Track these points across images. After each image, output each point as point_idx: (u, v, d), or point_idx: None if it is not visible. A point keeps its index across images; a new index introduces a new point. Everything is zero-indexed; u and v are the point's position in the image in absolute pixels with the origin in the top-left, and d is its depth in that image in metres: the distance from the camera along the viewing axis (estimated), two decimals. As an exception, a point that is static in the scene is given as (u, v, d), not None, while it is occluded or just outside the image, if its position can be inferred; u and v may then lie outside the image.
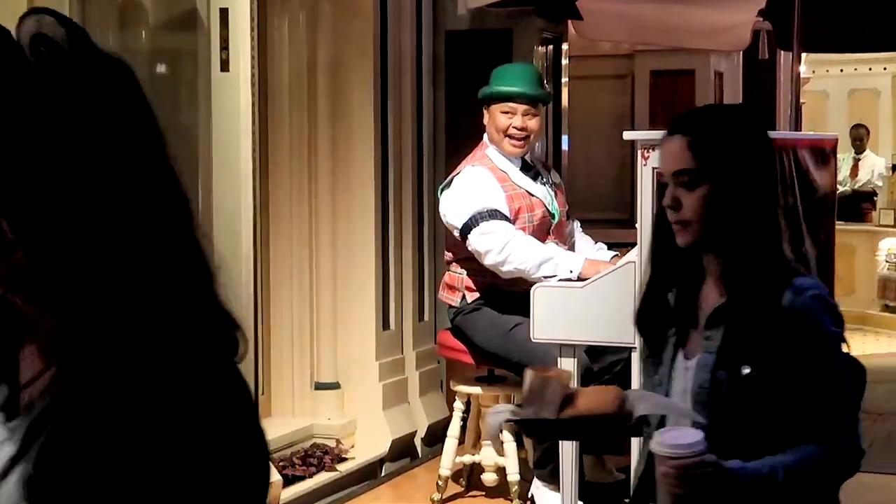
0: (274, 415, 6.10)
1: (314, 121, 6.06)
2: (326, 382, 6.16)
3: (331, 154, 6.09)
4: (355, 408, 6.17)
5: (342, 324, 6.18)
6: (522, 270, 4.69)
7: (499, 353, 4.92)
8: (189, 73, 4.69)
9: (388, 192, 6.24)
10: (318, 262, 6.12)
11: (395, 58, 6.27)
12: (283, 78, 5.97)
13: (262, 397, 5.91)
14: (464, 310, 5.02)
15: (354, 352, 6.17)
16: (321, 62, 6.05)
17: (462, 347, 5.08)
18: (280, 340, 6.07)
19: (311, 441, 6.00)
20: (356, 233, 6.12)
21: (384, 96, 6.19)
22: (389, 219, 6.25)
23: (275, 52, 5.95)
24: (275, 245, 6.03)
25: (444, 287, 5.14)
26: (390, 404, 6.20)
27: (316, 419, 6.10)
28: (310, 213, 6.07)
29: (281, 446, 5.80)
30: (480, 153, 5.04)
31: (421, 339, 6.50)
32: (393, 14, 6.23)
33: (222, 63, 4.49)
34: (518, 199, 4.91)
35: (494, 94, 5.04)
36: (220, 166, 4.56)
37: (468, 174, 4.94)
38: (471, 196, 4.84)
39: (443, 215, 4.98)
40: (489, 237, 4.75)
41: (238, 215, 4.56)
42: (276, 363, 6.09)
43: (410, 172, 6.40)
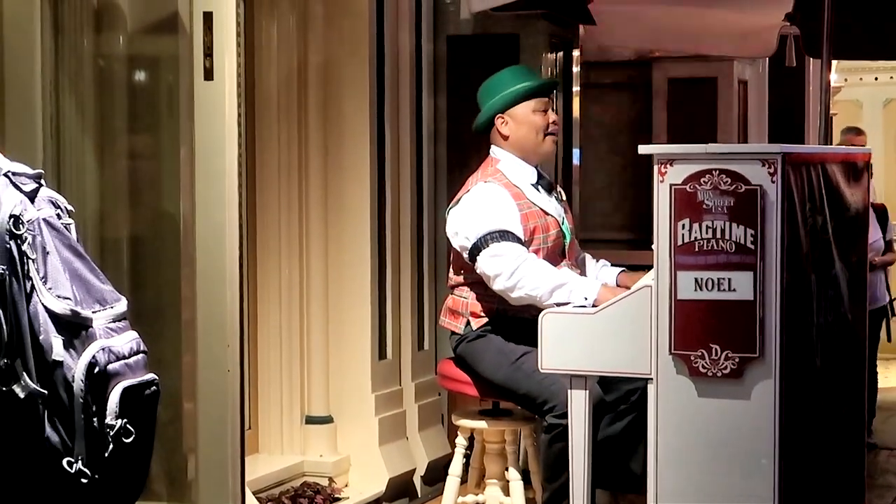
0: (262, 451, 6.11)
1: (305, 131, 6.08)
2: (318, 416, 6.17)
3: (323, 167, 6.11)
4: (349, 444, 6.17)
5: (335, 353, 6.18)
6: (534, 297, 4.69)
7: (506, 384, 4.91)
8: (170, 81, 4.70)
9: (385, 208, 6.25)
10: (310, 285, 6.13)
11: (392, 63, 6.29)
12: (271, 85, 5.99)
13: (250, 432, 5.90)
14: (468, 337, 5.01)
15: (348, 383, 6.17)
16: (312, 67, 6.08)
17: (465, 378, 5.07)
18: (268, 370, 6.08)
19: (301, 479, 6.01)
20: (350, 253, 6.13)
21: (380, 104, 6.21)
22: (386, 238, 6.26)
23: (263, 57, 5.97)
24: (263, 266, 6.04)
25: (447, 312, 5.13)
26: (387, 440, 6.20)
27: (307, 455, 6.11)
28: (300, 232, 6.09)
29: (269, 485, 5.81)
30: (492, 168, 5.02)
31: (420, 370, 6.50)
32: (390, 16, 6.25)
33: (206, 71, 4.49)
34: (533, 219, 4.90)
35: (524, 91, 5.01)
36: (203, 181, 4.57)
37: (481, 191, 4.92)
38: (482, 215, 4.83)
39: (451, 235, 4.97)
40: (499, 260, 4.75)
41: (223, 234, 4.56)
42: (263, 395, 6.10)
43: (409, 187, 6.41)
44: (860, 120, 14.13)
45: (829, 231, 4.47)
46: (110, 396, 2.49)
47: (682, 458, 4.14)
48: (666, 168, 4.09)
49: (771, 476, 4.06)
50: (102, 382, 2.49)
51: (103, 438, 2.48)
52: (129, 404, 2.51)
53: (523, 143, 5.00)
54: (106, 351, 2.50)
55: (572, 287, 4.64)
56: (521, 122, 5.00)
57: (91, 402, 2.47)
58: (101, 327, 2.53)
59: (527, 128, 5.00)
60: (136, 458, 2.56)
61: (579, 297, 4.60)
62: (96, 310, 2.55)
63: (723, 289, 4.03)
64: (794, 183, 4.10)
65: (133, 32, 4.68)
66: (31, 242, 2.49)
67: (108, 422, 2.48)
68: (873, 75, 13.88)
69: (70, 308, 2.49)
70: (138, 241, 4.74)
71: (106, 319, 2.55)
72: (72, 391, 2.46)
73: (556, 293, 4.64)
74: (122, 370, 2.52)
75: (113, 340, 2.53)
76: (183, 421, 4.68)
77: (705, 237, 4.04)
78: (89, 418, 2.47)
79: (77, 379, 2.46)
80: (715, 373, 4.06)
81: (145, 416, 2.56)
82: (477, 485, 5.33)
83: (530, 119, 5.00)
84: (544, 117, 5.01)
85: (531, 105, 5.00)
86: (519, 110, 5.00)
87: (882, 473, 7.16)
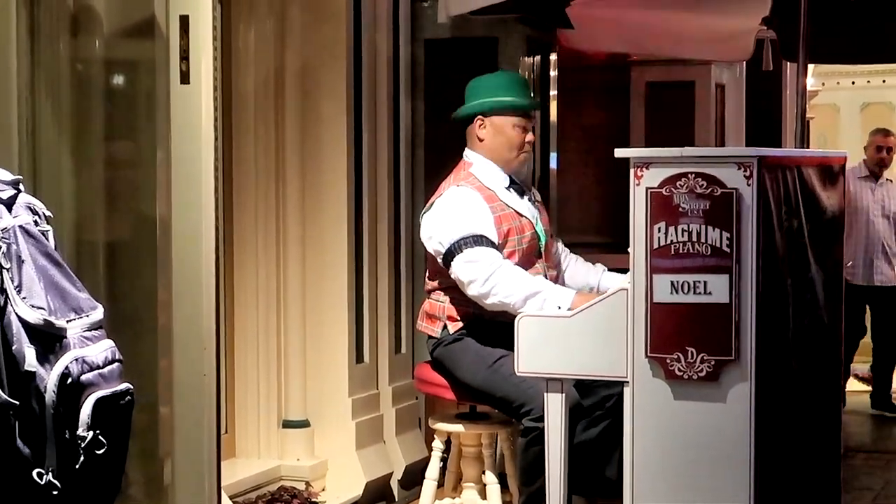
0: (238, 455, 6.11)
1: (282, 135, 6.08)
2: (295, 420, 6.17)
3: (300, 171, 6.11)
4: (326, 448, 6.17)
5: (312, 357, 6.19)
6: (507, 304, 4.70)
7: (482, 388, 4.93)
8: (147, 85, 4.69)
9: (362, 212, 6.26)
10: (287, 289, 6.13)
11: (369, 67, 6.30)
12: (248, 89, 5.99)
13: (226, 436, 5.91)
14: (444, 341, 5.02)
15: (325, 387, 6.17)
16: (290, 71, 6.08)
17: (442, 382, 5.09)
18: (245, 375, 6.08)
19: (278, 484, 6.01)
20: (328, 257, 6.13)
21: (357, 108, 6.21)
22: (363, 242, 6.27)
23: (240, 61, 5.98)
24: (240, 270, 6.05)
25: (424, 316, 5.14)
26: (364, 444, 6.21)
27: (284, 460, 6.11)
28: (277, 236, 6.09)
29: (246, 489, 5.81)
30: (465, 172, 5.04)
31: (398, 374, 6.51)
32: (367, 21, 6.26)
33: (182, 75, 4.48)
34: (507, 221, 4.92)
35: (510, 105, 5.03)
36: (179, 186, 4.57)
37: (453, 195, 4.94)
38: (456, 220, 4.85)
39: (425, 240, 4.99)
40: (474, 266, 4.76)
41: (199, 239, 4.56)
42: (240, 399, 6.09)
43: (386, 191, 6.41)
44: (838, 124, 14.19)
45: (805, 234, 4.50)
46: (83, 408, 2.48)
47: (658, 460, 4.16)
48: (642, 171, 4.11)
49: (747, 478, 4.08)
50: (75, 393, 2.47)
51: (74, 450, 2.47)
52: (102, 415, 2.50)
53: (496, 152, 5.03)
54: (79, 361, 2.49)
55: (546, 296, 4.66)
56: (498, 132, 5.03)
57: (63, 414, 2.46)
58: (75, 336, 2.52)
59: (502, 139, 5.03)
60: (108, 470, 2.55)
61: (553, 305, 4.61)
62: (72, 318, 2.54)
63: (699, 292, 4.05)
64: (769, 186, 4.12)
65: (109, 36, 4.68)
66: (5, 252, 2.49)
67: (80, 433, 2.47)
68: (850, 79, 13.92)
69: (44, 318, 2.48)
70: (114, 245, 4.73)
71: (81, 328, 2.54)
72: (43, 402, 2.45)
73: (529, 301, 4.65)
74: (96, 380, 2.51)
75: (87, 350, 2.52)
76: (159, 425, 4.68)
77: (681, 240, 4.06)
78: (60, 430, 2.46)
79: (49, 390, 2.45)
80: (691, 376, 4.08)
81: (119, 426, 2.55)
82: (454, 488, 5.34)
83: (508, 133, 5.03)
84: (521, 136, 5.04)
85: (513, 120, 5.03)
86: (500, 120, 5.03)
87: (860, 476, 7.18)
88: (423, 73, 6.72)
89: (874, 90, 14.16)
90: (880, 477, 7.26)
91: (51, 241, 2.63)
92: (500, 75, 5.27)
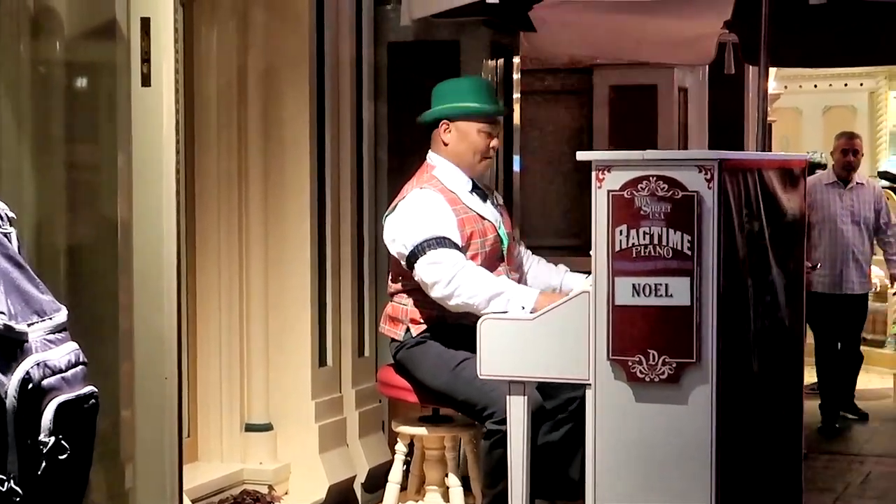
0: (201, 459, 6.09)
1: (244, 137, 6.07)
2: (258, 424, 6.16)
3: (263, 174, 6.10)
4: (289, 451, 6.16)
5: (275, 360, 6.17)
6: (471, 305, 4.70)
7: (445, 390, 4.93)
8: (108, 87, 4.67)
9: (325, 215, 6.26)
10: (249, 293, 6.12)
11: (332, 69, 6.29)
12: (211, 91, 5.98)
13: (188, 440, 5.89)
14: (407, 344, 5.02)
15: (288, 390, 6.16)
16: (252, 73, 6.07)
17: (405, 385, 5.09)
18: (207, 378, 6.06)
19: (241, 487, 6.00)
20: (290, 260, 6.12)
21: (321, 111, 6.21)
22: (326, 244, 6.26)
23: (202, 64, 5.96)
24: (202, 273, 6.03)
25: (386, 319, 5.14)
26: (327, 447, 6.20)
27: (246, 463, 6.09)
28: (240, 239, 6.08)
29: (208, 493, 5.79)
30: (427, 174, 5.04)
31: (361, 377, 6.50)
32: (330, 23, 6.25)
33: (143, 77, 4.47)
34: (470, 224, 4.93)
35: (476, 111, 5.03)
36: (140, 189, 4.56)
37: (416, 198, 4.94)
38: (419, 222, 4.85)
39: (388, 242, 4.99)
40: (437, 267, 4.76)
41: (160, 242, 4.55)
42: (202, 402, 6.08)
43: (350, 193, 6.41)
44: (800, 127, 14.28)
45: (766, 237, 4.52)
46: (44, 413, 2.45)
47: (621, 462, 4.17)
48: (604, 174, 4.12)
49: (708, 480, 4.09)
50: (36, 398, 2.45)
51: (36, 456, 2.45)
52: (64, 419, 2.47)
53: (460, 157, 5.04)
54: (41, 366, 2.46)
55: (510, 296, 4.66)
56: (462, 137, 5.03)
57: (24, 420, 2.43)
58: (38, 340, 2.49)
59: (467, 145, 5.03)
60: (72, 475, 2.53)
61: (516, 305, 4.62)
62: (34, 321, 2.51)
63: (660, 294, 4.07)
64: (730, 189, 4.14)
65: (70, 38, 4.66)
66: None
67: (42, 439, 2.44)
68: (813, 83, 14.01)
69: (3, 323, 2.45)
70: (75, 248, 4.71)
71: (44, 331, 2.52)
72: (4, 408, 2.42)
73: (493, 302, 4.66)
74: (59, 385, 2.49)
75: (49, 354, 2.49)
76: (120, 429, 4.66)
77: (643, 243, 4.08)
78: (22, 436, 2.43)
79: (10, 395, 2.42)
80: (652, 378, 4.10)
81: (82, 430, 2.53)
82: (417, 491, 5.34)
83: (473, 138, 5.03)
84: (486, 141, 5.04)
85: (479, 125, 5.03)
86: (465, 125, 5.03)
87: (822, 478, 7.22)
88: (386, 75, 6.72)
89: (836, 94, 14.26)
90: (842, 478, 7.30)
91: (13, 244, 2.60)
92: (468, 80, 5.29)
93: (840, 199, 8.65)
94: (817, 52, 7.92)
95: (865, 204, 8.70)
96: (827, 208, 8.62)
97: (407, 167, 5.32)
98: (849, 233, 8.62)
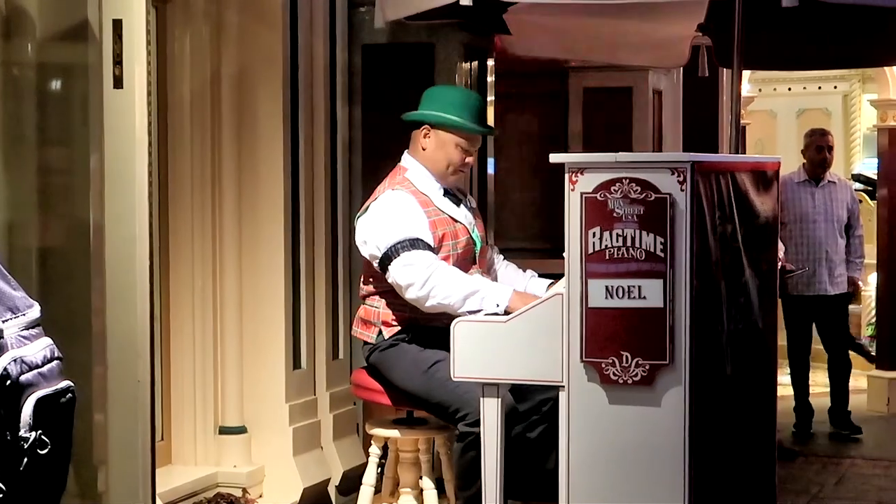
0: (175, 462, 6.08)
1: (218, 140, 6.06)
2: (232, 427, 6.15)
3: (236, 177, 6.09)
4: (263, 454, 6.16)
5: (249, 363, 6.17)
6: (447, 305, 4.71)
7: (418, 393, 4.93)
8: (80, 89, 4.66)
9: (299, 218, 6.25)
10: (223, 295, 6.11)
11: (306, 72, 6.28)
12: (184, 93, 5.97)
13: (162, 443, 5.88)
14: (380, 346, 5.02)
15: (262, 393, 6.16)
16: (226, 76, 6.06)
17: (379, 388, 5.09)
18: (181, 380, 6.05)
19: (215, 490, 5.99)
20: (264, 263, 6.12)
21: (294, 113, 6.20)
22: (300, 247, 6.26)
23: (175, 66, 5.95)
24: (175, 277, 6.01)
25: (359, 322, 5.14)
26: (302, 450, 6.19)
27: (220, 466, 6.08)
28: (213, 241, 6.06)
29: (182, 496, 5.78)
30: (400, 176, 5.04)
31: (335, 379, 6.50)
32: (304, 26, 6.25)
33: (115, 79, 4.47)
34: (442, 226, 4.93)
35: (460, 125, 5.02)
36: (113, 191, 4.55)
37: (388, 199, 4.94)
38: (391, 224, 4.85)
39: (360, 244, 4.98)
40: (411, 269, 4.76)
41: (133, 244, 4.54)
42: (176, 405, 6.06)
43: (323, 196, 6.40)
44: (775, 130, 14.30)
45: (739, 239, 4.53)
46: (24, 408, 2.45)
47: (594, 465, 4.18)
48: (577, 176, 4.13)
49: (682, 482, 4.10)
50: (15, 394, 2.45)
51: (18, 452, 2.45)
52: (44, 414, 2.48)
53: (434, 164, 5.04)
54: (18, 362, 2.46)
55: (484, 294, 4.67)
56: (440, 146, 5.03)
57: (4, 416, 2.43)
58: (13, 336, 2.50)
59: (443, 155, 5.03)
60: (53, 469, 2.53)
61: (491, 303, 4.63)
62: (7, 318, 2.51)
63: (633, 296, 4.08)
64: (703, 191, 4.15)
65: (42, 40, 4.65)
66: None
67: (22, 434, 2.44)
68: (787, 86, 14.03)
69: None
70: (48, 251, 4.70)
71: (18, 327, 2.52)
72: None
73: (468, 301, 4.66)
74: (36, 380, 2.49)
75: (25, 349, 2.50)
76: (93, 433, 4.65)
77: (616, 245, 4.08)
78: (2, 432, 2.44)
79: None
80: (626, 380, 4.10)
81: (61, 424, 2.53)
82: (391, 494, 5.34)
83: (450, 150, 5.03)
84: (462, 156, 5.04)
85: (458, 139, 5.03)
86: (446, 136, 5.03)
87: (796, 479, 7.25)
88: (360, 78, 6.71)
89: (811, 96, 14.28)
90: (816, 479, 7.32)
91: None
92: (461, 92, 5.28)
93: (812, 198, 8.51)
94: (791, 54, 7.93)
95: (838, 202, 8.55)
96: (799, 207, 8.48)
97: (381, 169, 5.32)
98: (821, 232, 8.46)
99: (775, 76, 13.16)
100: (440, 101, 5.08)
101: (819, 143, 8.64)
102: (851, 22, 6.92)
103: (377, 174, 5.38)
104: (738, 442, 4.64)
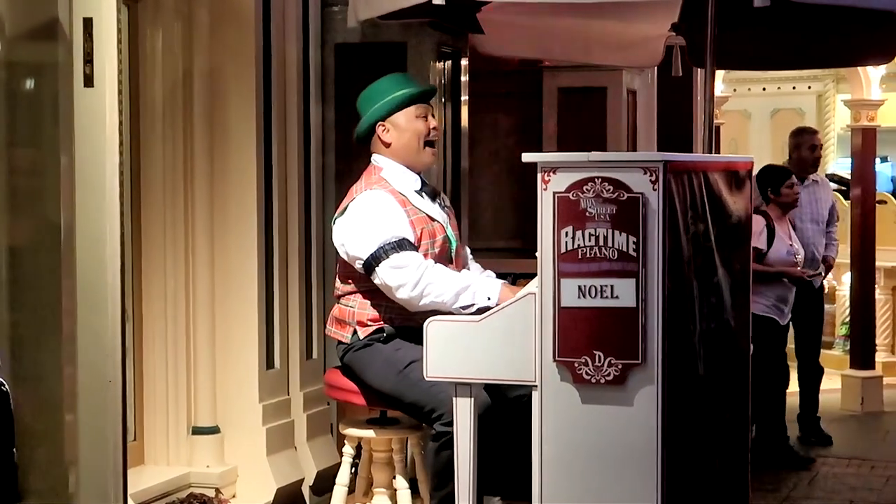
0: (147, 462, 6.06)
1: (190, 139, 6.04)
2: (205, 427, 6.13)
3: (208, 176, 6.07)
4: (236, 454, 6.14)
5: (222, 362, 6.15)
6: (440, 303, 4.70)
7: (392, 393, 4.92)
8: (50, 88, 4.64)
9: (273, 217, 6.23)
10: (196, 295, 6.09)
11: (279, 71, 6.27)
12: (155, 92, 5.94)
13: (134, 443, 5.86)
14: (354, 346, 5.01)
15: (235, 393, 6.14)
16: (198, 75, 6.04)
17: (353, 387, 5.07)
18: (153, 380, 6.03)
19: (187, 490, 5.97)
20: (237, 262, 6.10)
21: (267, 113, 6.19)
22: (274, 247, 6.24)
23: (146, 65, 5.93)
24: (147, 276, 5.99)
25: (333, 322, 5.12)
26: (275, 450, 6.18)
27: (193, 467, 6.07)
28: (186, 241, 6.04)
29: (154, 496, 5.76)
30: (376, 176, 5.02)
31: (309, 379, 6.48)
32: (276, 25, 6.23)
33: (86, 78, 4.44)
34: (420, 224, 4.91)
35: (406, 97, 5.01)
36: (83, 191, 4.53)
37: (367, 199, 4.91)
38: (373, 224, 4.82)
39: (339, 246, 4.95)
40: (401, 271, 4.74)
41: (103, 244, 4.52)
42: (149, 405, 6.04)
43: (296, 196, 6.39)
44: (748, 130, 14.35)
45: (712, 238, 4.54)
46: None
47: (567, 464, 4.18)
48: (549, 176, 4.13)
49: (655, 481, 4.10)
50: None
51: None
52: None
53: (405, 150, 5.02)
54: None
55: (475, 289, 4.69)
56: (403, 130, 5.02)
57: None
58: None
59: (409, 134, 5.02)
60: None
61: (482, 297, 4.65)
62: None
63: (605, 296, 4.08)
64: (676, 191, 4.15)
65: (11, 38, 4.62)
66: None
67: None
68: (761, 86, 14.07)
69: None
70: (17, 251, 4.67)
71: None
72: None
73: (461, 297, 4.68)
74: None
75: None
76: (64, 433, 4.62)
77: (588, 245, 4.08)
78: None
79: None
80: (598, 380, 4.10)
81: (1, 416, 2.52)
82: (365, 494, 5.33)
83: (413, 125, 5.02)
84: (425, 123, 5.04)
85: (412, 111, 5.03)
86: (400, 117, 5.02)
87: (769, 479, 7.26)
88: (333, 77, 6.70)
89: (784, 96, 14.33)
90: (789, 479, 7.34)
91: None
92: (384, 79, 5.23)
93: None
94: (764, 54, 7.95)
95: (822, 202, 8.44)
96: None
97: (354, 169, 5.31)
98: (808, 231, 8.30)
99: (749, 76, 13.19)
100: (376, 95, 5.07)
101: (812, 141, 8.49)
102: (824, 22, 6.93)
103: (350, 173, 5.38)
104: (711, 441, 4.64)
